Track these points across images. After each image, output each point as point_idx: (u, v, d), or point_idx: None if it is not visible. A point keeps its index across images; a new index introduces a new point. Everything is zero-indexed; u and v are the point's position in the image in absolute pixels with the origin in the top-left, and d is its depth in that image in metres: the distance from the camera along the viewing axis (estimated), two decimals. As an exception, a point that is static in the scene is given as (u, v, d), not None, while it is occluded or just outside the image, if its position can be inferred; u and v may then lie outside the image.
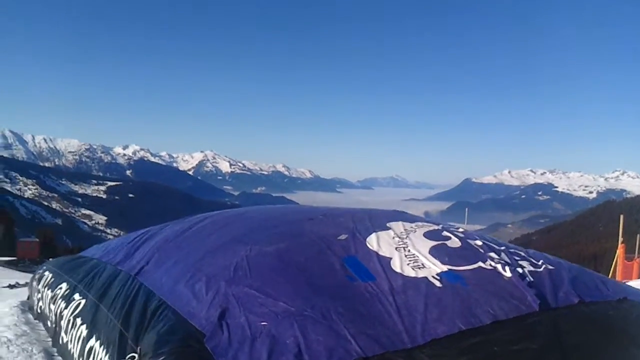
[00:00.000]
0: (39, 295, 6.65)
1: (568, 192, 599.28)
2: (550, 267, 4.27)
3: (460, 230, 4.86)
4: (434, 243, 4.31)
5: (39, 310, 6.68)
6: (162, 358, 3.06)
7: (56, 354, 5.38)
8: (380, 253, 4.11)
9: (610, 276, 20.00)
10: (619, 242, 20.02)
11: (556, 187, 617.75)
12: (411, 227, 4.65)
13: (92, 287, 5.18)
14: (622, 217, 21.26)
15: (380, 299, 3.49)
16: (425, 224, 4.89)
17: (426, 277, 3.77)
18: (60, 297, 5.63)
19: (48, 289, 6.23)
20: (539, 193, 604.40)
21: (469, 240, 4.48)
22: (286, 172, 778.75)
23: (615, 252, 20.13)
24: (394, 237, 4.39)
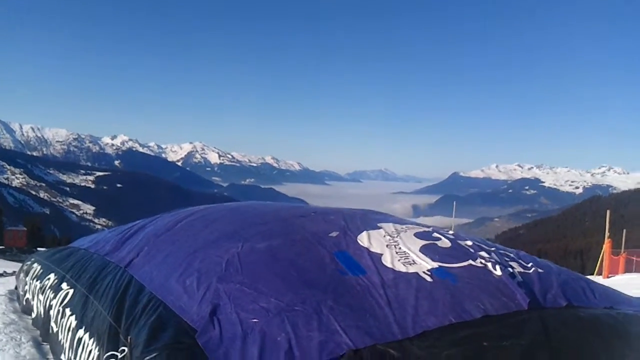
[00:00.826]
0: (26, 287, 6.62)
1: (555, 187, 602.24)
2: (539, 270, 4.31)
3: (451, 232, 4.92)
4: (424, 242, 4.35)
5: (24, 302, 6.66)
6: (154, 354, 3.08)
7: (44, 343, 5.37)
8: (372, 249, 4.15)
9: (596, 271, 20.22)
10: (606, 237, 20.18)
11: (543, 182, 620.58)
12: (402, 228, 4.69)
13: (80, 277, 5.18)
14: (608, 212, 21.42)
15: (371, 292, 3.53)
16: (416, 225, 4.95)
17: (417, 273, 3.81)
18: (49, 288, 5.61)
19: (36, 280, 6.21)
20: (526, 188, 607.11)
21: (459, 241, 4.52)
22: (275, 164, 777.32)
23: (602, 247, 20.30)
24: (385, 236, 4.43)
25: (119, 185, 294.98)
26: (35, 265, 6.80)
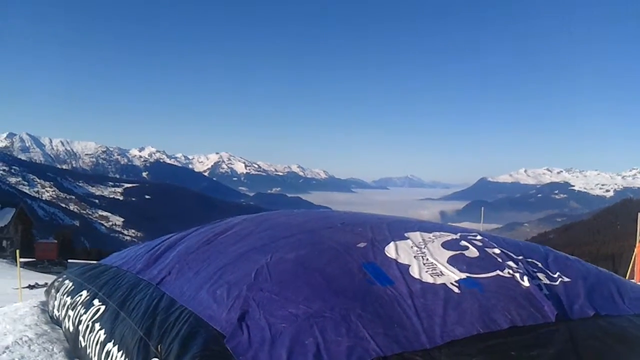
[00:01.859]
0: (56, 303, 6.71)
1: (585, 190, 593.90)
2: (566, 279, 4.25)
3: (479, 238, 4.84)
4: (452, 253, 4.33)
5: (53, 317, 6.75)
6: None
7: (76, 358, 5.44)
8: (399, 260, 4.15)
9: (627, 276, 19.81)
10: (638, 240, 19.78)
11: (573, 185, 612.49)
12: (429, 238, 4.67)
13: (113, 294, 5.25)
14: (640, 215, 20.95)
15: (399, 302, 3.54)
16: (444, 233, 4.88)
17: (445, 284, 3.80)
18: (80, 304, 5.68)
19: (67, 296, 6.29)
20: (556, 192, 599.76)
21: (487, 249, 4.48)
22: (301, 173, 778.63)
23: (634, 250, 19.89)
24: (412, 247, 4.42)
25: (147, 196, 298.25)
26: (67, 282, 6.87)
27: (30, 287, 20.93)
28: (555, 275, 4.31)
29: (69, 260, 47.59)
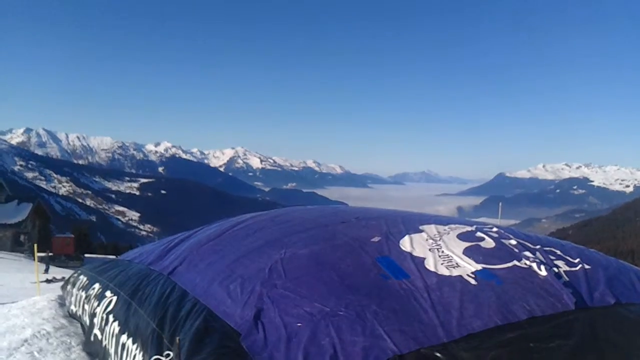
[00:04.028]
0: (73, 299, 6.79)
1: (604, 186, 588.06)
2: (586, 266, 4.21)
3: (495, 229, 4.81)
4: (467, 244, 4.30)
5: (70, 312, 6.83)
6: (201, 358, 3.13)
7: (86, 352, 5.47)
8: (414, 254, 4.13)
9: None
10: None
11: (592, 181, 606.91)
12: (444, 230, 4.65)
13: (124, 285, 5.30)
14: (660, 211, 20.69)
15: (415, 296, 3.50)
16: (459, 225, 4.85)
17: (461, 276, 3.77)
18: (94, 297, 5.75)
19: (82, 291, 6.36)
20: (574, 187, 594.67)
21: (503, 240, 4.45)
22: (317, 168, 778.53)
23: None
24: (427, 239, 4.40)
25: (163, 191, 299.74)
26: (81, 277, 6.96)
27: (48, 281, 21.13)
28: (576, 261, 4.27)
29: (86, 255, 48.02)
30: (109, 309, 5.07)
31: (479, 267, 3.88)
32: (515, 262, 4.01)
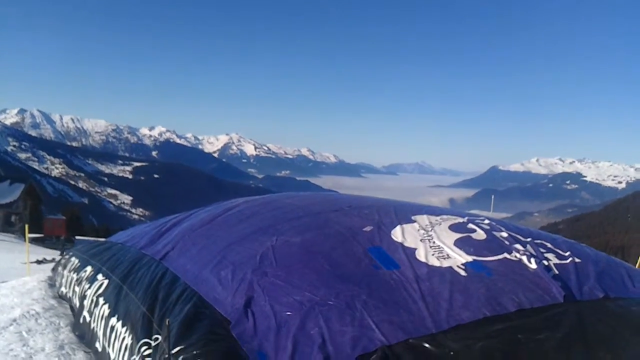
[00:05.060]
0: (63, 280, 6.78)
1: (597, 181, 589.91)
2: (577, 259, 4.24)
3: (487, 221, 4.82)
4: (459, 235, 4.32)
5: (59, 294, 6.82)
6: (191, 344, 3.13)
7: (75, 332, 5.48)
8: (405, 244, 4.13)
9: (637, 267, 19.70)
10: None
11: (585, 176, 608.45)
12: (436, 220, 4.66)
13: (116, 268, 5.29)
14: (651, 208, 20.78)
15: (405, 286, 3.52)
16: (451, 216, 4.86)
17: (451, 267, 3.79)
18: (85, 279, 5.75)
19: (73, 273, 6.35)
20: (567, 182, 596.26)
21: (494, 233, 4.47)
22: (311, 156, 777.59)
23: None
24: (418, 230, 4.41)
25: (156, 175, 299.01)
26: (73, 259, 6.94)
27: (38, 262, 21.08)
28: (566, 255, 4.29)
29: (77, 237, 47.92)
30: (100, 291, 5.07)
31: (470, 258, 3.90)
32: (506, 255, 4.03)
